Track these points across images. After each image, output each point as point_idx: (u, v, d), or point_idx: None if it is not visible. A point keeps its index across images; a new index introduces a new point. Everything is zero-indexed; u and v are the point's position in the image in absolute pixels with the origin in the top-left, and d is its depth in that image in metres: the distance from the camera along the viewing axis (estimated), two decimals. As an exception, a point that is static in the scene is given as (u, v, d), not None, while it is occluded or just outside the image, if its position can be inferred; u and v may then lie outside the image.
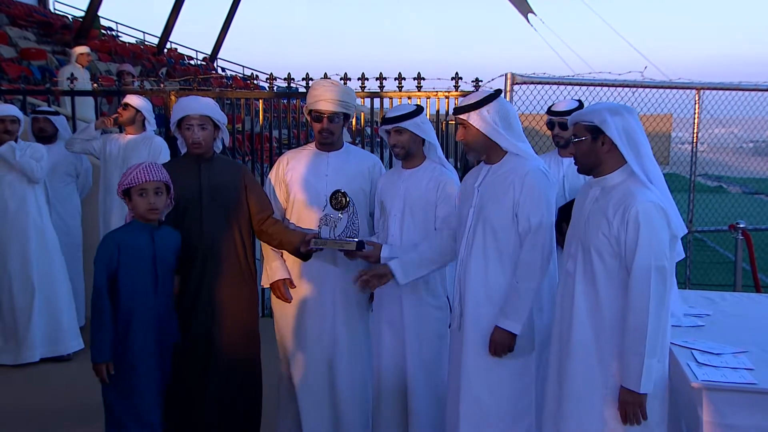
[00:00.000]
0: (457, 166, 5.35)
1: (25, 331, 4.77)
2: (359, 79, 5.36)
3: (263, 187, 3.46)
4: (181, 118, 3.18)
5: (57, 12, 18.41)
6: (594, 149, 2.47)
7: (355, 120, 5.73)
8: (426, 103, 5.26)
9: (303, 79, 5.45)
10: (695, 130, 6.07)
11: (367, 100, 5.51)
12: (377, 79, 5.34)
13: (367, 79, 5.39)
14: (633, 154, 2.41)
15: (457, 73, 5.26)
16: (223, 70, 20.14)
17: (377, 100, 5.49)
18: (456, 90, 5.31)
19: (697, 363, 2.60)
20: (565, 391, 2.50)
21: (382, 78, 5.34)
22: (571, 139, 2.58)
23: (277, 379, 3.51)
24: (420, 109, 3.20)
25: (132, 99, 5.05)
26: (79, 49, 8.70)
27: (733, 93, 6.24)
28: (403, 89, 5.36)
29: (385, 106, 5.43)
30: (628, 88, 5.61)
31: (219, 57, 20.59)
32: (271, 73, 5.82)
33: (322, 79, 4.42)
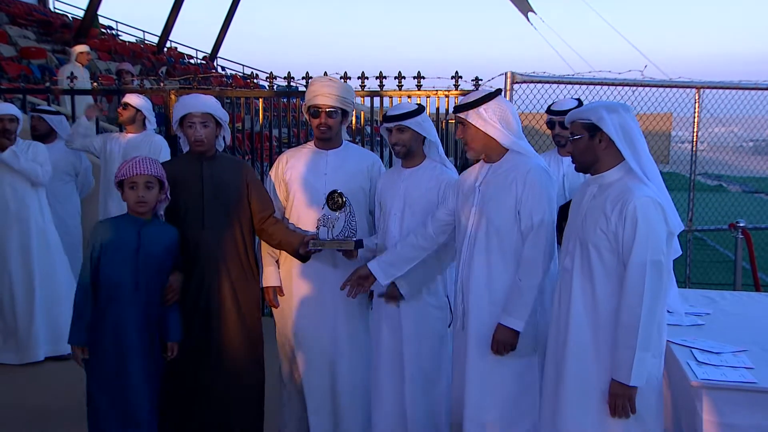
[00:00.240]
0: (456, 165, 5.34)
1: (28, 331, 4.77)
2: (359, 77, 5.36)
3: (264, 185, 3.46)
4: (183, 116, 3.18)
5: (57, 11, 18.45)
6: (591, 147, 2.48)
7: (355, 119, 5.73)
8: (426, 101, 5.26)
9: (303, 78, 5.43)
10: (695, 129, 6.06)
11: (367, 99, 5.50)
12: (377, 77, 5.34)
13: (367, 77, 5.38)
14: (630, 150, 2.42)
15: (457, 71, 5.26)
16: (223, 69, 20.13)
17: (377, 99, 5.48)
18: (456, 89, 5.31)
19: (697, 362, 2.60)
20: (562, 388, 2.50)
21: (382, 77, 5.34)
22: (569, 137, 2.58)
23: (278, 379, 3.51)
24: (422, 107, 3.20)
25: (132, 98, 5.05)
26: (79, 48, 8.71)
27: (733, 92, 6.23)
28: (403, 88, 5.35)
29: (385, 105, 5.42)
30: (628, 87, 5.60)
31: (219, 56, 20.60)
32: (271, 72, 5.82)
33: (320, 76, 4.41)
